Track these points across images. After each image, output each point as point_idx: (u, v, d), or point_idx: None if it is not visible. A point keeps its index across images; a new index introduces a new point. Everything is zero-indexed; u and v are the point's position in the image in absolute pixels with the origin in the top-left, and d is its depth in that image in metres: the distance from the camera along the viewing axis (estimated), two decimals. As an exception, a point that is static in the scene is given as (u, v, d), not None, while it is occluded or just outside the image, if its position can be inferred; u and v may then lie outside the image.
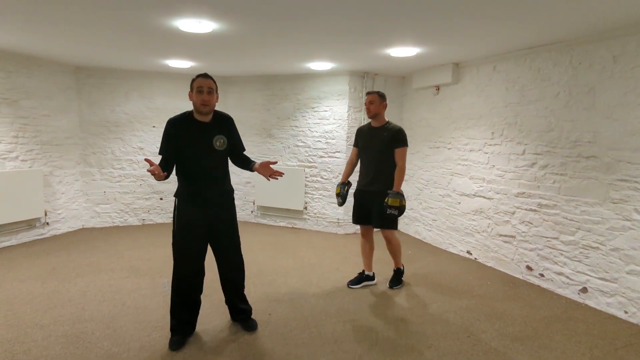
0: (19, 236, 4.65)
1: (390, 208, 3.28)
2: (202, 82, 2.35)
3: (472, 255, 4.49)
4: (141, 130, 5.68)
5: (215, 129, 2.46)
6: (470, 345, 2.58)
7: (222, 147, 2.46)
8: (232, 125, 2.58)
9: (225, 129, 2.52)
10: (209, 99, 2.35)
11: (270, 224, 5.91)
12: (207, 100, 2.34)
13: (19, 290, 3.32)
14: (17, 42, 3.94)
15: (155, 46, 3.97)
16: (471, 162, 4.50)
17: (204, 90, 2.33)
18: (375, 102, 3.40)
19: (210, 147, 2.42)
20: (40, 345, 2.47)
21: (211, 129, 2.45)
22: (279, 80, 5.72)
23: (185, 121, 2.41)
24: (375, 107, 3.41)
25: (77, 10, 2.85)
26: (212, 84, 2.38)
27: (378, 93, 3.43)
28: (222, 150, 2.47)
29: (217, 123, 2.49)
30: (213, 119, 2.48)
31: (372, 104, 3.40)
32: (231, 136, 2.54)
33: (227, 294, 2.73)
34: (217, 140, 2.44)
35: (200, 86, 2.33)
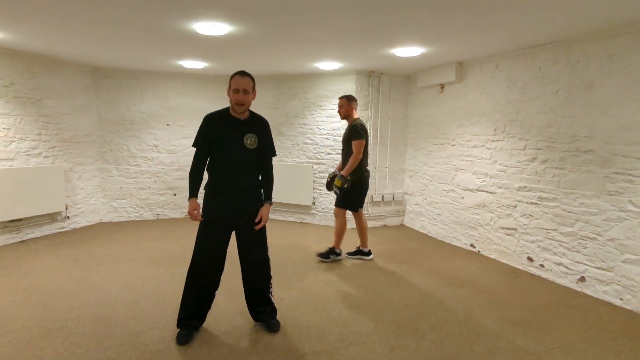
0: (42, 229, 4.90)
1: (335, 187, 3.92)
2: (238, 82, 2.43)
3: (476, 248, 4.63)
4: (156, 128, 5.90)
5: (248, 127, 2.53)
6: (471, 328, 2.75)
7: (252, 146, 2.52)
8: (266, 129, 2.62)
9: (259, 130, 2.57)
10: (244, 98, 2.45)
11: (280, 218, 6.10)
12: (242, 100, 2.45)
13: (47, 277, 3.55)
14: (41, 45, 4.18)
15: (171, 48, 4.18)
16: (474, 158, 4.65)
17: (239, 90, 2.44)
18: (344, 105, 4.03)
19: (241, 144, 2.50)
20: (72, 324, 2.69)
21: (244, 127, 2.52)
22: (288, 80, 5.91)
23: (221, 117, 2.54)
24: (345, 110, 4.04)
25: (97, 14, 3.06)
26: (248, 83, 2.45)
27: (346, 97, 4.05)
28: (252, 148, 2.52)
29: (252, 123, 2.56)
30: (248, 118, 2.55)
31: (341, 108, 4.06)
32: (262, 138, 2.57)
33: (250, 293, 2.70)
34: (248, 138, 2.51)
35: (236, 87, 2.44)
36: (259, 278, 2.67)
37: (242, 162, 2.53)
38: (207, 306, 2.64)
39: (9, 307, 2.93)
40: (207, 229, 2.53)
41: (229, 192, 2.54)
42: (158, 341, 2.51)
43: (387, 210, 5.87)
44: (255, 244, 2.63)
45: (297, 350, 2.43)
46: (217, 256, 2.55)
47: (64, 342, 2.48)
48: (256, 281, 2.67)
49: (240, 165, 2.52)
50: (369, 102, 5.57)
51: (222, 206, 2.53)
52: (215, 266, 2.57)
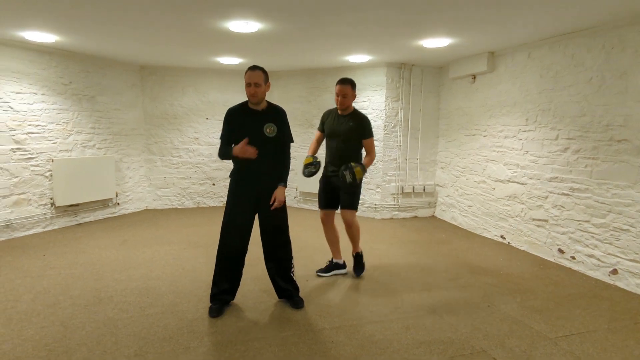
0: (96, 213, 5.40)
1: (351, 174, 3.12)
2: (250, 77, 2.62)
3: (506, 240, 4.59)
4: (196, 122, 6.27)
5: (267, 117, 2.75)
6: (489, 313, 2.79)
7: (271, 134, 2.73)
8: (283, 117, 2.80)
9: (276, 119, 2.79)
10: (256, 91, 2.65)
11: (312, 208, 6.29)
12: (254, 92, 2.65)
13: (100, 255, 3.96)
14: (94, 46, 4.60)
15: (209, 45, 4.47)
16: (506, 149, 4.59)
17: (251, 84, 2.64)
18: (350, 94, 3.25)
19: (261, 133, 2.71)
20: (120, 294, 3.03)
21: (263, 117, 2.73)
22: (320, 73, 6.06)
23: (241, 109, 2.77)
24: (350, 100, 3.28)
25: (143, 18, 3.36)
26: (258, 77, 2.64)
27: (351, 83, 3.27)
28: (271, 136, 2.73)
29: (270, 112, 2.78)
30: (266, 109, 2.77)
31: (346, 98, 3.25)
32: (280, 126, 2.76)
33: (272, 272, 2.87)
34: (268, 127, 2.72)
35: (248, 81, 2.64)
36: (280, 257, 2.86)
37: (263, 149, 2.72)
38: (236, 283, 2.87)
39: (69, 278, 3.33)
40: (233, 213, 2.75)
41: (252, 178, 2.75)
42: (193, 312, 2.77)
43: (417, 201, 5.90)
44: (277, 225, 2.82)
45: (316, 325, 2.61)
46: (242, 237, 2.77)
47: (113, 308, 2.81)
48: (278, 260, 2.86)
49: (261, 151, 2.72)
50: (400, 94, 5.61)
51: (245, 191, 2.75)
52: (241, 246, 2.78)
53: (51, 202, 4.86)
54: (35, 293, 3.04)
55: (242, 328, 2.56)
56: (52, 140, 4.88)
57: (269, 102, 2.82)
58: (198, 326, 2.58)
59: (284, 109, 2.88)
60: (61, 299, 2.94)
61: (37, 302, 2.89)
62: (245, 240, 2.80)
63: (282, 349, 2.32)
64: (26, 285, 3.19)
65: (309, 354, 2.28)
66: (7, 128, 4.43)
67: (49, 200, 4.84)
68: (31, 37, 4.15)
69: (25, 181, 4.61)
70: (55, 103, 4.88)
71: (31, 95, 4.63)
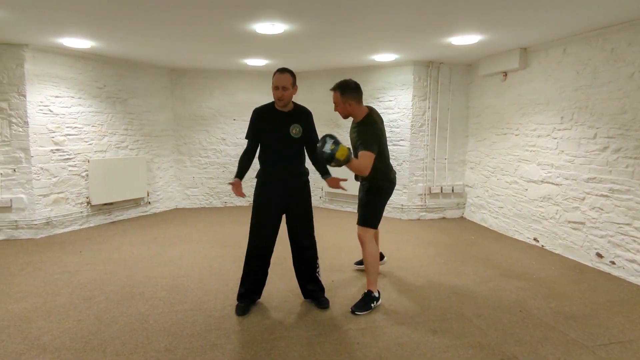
0: (128, 212, 5.59)
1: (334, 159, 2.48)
2: (277, 80, 2.64)
3: (539, 243, 4.42)
4: (224, 123, 6.39)
5: (292, 118, 2.74)
6: (521, 318, 2.69)
7: (297, 135, 2.75)
8: (309, 119, 2.83)
9: (303, 120, 2.79)
10: (283, 94, 2.66)
11: (337, 209, 6.28)
12: (281, 95, 2.66)
13: (132, 252, 4.09)
14: (127, 51, 4.76)
15: (236, 48, 4.53)
16: (539, 148, 4.42)
17: (279, 87, 2.65)
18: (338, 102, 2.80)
19: (287, 134, 2.73)
20: (151, 290, 3.12)
21: (289, 118, 2.73)
22: (346, 73, 6.03)
23: (267, 110, 2.79)
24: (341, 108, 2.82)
25: (173, 23, 3.45)
26: (286, 80, 2.63)
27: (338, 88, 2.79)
28: (297, 137, 2.74)
29: (296, 114, 2.78)
30: (292, 110, 2.79)
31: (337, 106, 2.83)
32: (306, 127, 2.79)
33: (299, 273, 2.91)
34: (293, 128, 2.74)
35: (276, 84, 2.66)
36: (307, 258, 2.87)
37: (289, 149, 2.76)
38: (262, 282, 2.89)
39: (103, 274, 3.46)
40: (260, 213, 2.78)
41: (278, 178, 2.77)
42: (220, 309, 2.82)
43: (446, 202, 5.77)
44: (303, 226, 2.84)
45: (342, 326, 2.59)
46: (269, 237, 2.79)
47: (144, 304, 2.89)
48: (304, 261, 2.87)
49: (287, 152, 2.75)
50: (427, 93, 5.51)
51: (272, 191, 2.77)
52: (268, 246, 2.81)
53: (87, 200, 5.07)
54: (72, 287, 3.18)
55: (268, 327, 2.58)
56: (88, 142, 5.09)
57: (295, 103, 2.83)
58: (225, 323, 2.62)
59: (309, 110, 2.88)
60: (96, 294, 3.06)
61: (74, 296, 3.02)
62: (271, 240, 2.82)
63: (308, 349, 2.33)
64: (64, 280, 3.34)
65: (335, 354, 2.27)
66: (47, 130, 4.66)
67: (85, 199, 5.05)
68: (69, 44, 4.34)
69: (63, 181, 4.83)
70: (90, 106, 5.09)
71: (69, 99, 4.85)
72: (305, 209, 2.84)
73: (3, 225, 4.50)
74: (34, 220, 4.56)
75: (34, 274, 3.46)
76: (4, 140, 4.44)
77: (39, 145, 4.58)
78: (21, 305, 2.85)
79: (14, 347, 2.32)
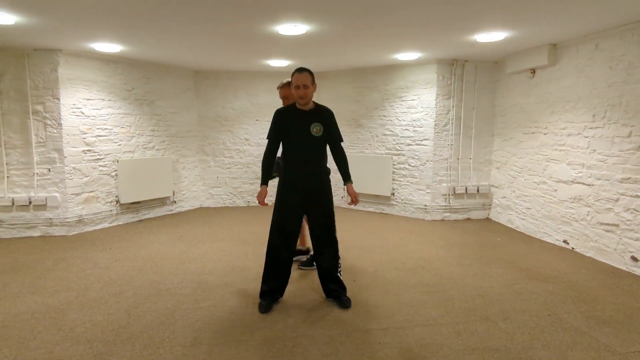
0: (155, 211, 5.75)
1: None
2: (297, 79, 2.68)
3: (569, 245, 4.27)
4: (247, 123, 6.48)
5: (313, 117, 2.77)
6: (549, 322, 2.61)
7: (318, 134, 2.77)
8: (330, 117, 2.83)
9: (324, 119, 2.79)
10: (304, 93, 2.69)
11: (359, 209, 6.25)
12: (302, 94, 2.69)
13: (158, 249, 4.20)
14: (154, 54, 4.90)
15: (259, 49, 4.59)
16: (569, 147, 4.27)
17: (300, 86, 2.68)
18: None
19: (308, 132, 2.75)
20: (177, 286, 3.20)
21: (310, 117, 2.76)
22: (368, 73, 6.02)
23: (288, 110, 2.82)
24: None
25: (198, 27, 3.53)
26: (306, 78, 2.67)
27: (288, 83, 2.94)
28: (318, 136, 2.76)
29: (317, 113, 2.79)
30: (313, 109, 2.80)
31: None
32: (328, 125, 2.80)
33: (320, 272, 2.92)
34: (314, 127, 2.76)
35: (297, 84, 2.69)
36: (328, 257, 2.87)
37: (310, 148, 2.78)
38: (284, 281, 2.91)
39: (131, 271, 3.57)
40: (281, 211, 2.80)
41: (300, 176, 2.79)
42: (243, 307, 2.86)
43: (470, 203, 5.66)
44: (324, 226, 2.84)
45: (364, 326, 2.58)
46: (290, 236, 2.81)
47: (170, 299, 2.97)
48: (326, 260, 2.87)
49: (308, 151, 2.77)
50: (452, 92, 5.42)
51: (294, 190, 2.79)
52: (289, 245, 2.82)
53: (116, 199, 5.24)
54: (103, 283, 3.29)
55: (290, 325, 2.60)
56: (117, 143, 5.27)
57: (316, 102, 2.84)
58: (248, 321, 2.66)
59: (331, 109, 2.88)
60: (125, 289, 3.16)
61: (105, 291, 3.14)
62: (293, 239, 2.83)
63: (329, 347, 2.33)
64: (95, 275, 3.47)
65: (356, 353, 2.27)
66: (79, 132, 4.85)
67: (114, 198, 5.23)
68: (99, 48, 4.51)
69: (94, 180, 5.01)
70: (119, 108, 5.26)
71: (99, 101, 5.03)
72: (326, 208, 2.84)
73: (39, 222, 4.71)
74: (66, 218, 4.75)
75: (68, 269, 3.61)
76: (39, 141, 4.65)
77: (72, 146, 4.77)
78: (56, 299, 2.98)
79: (50, 338, 2.43)
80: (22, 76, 4.53)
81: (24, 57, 4.50)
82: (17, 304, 2.88)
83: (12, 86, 4.53)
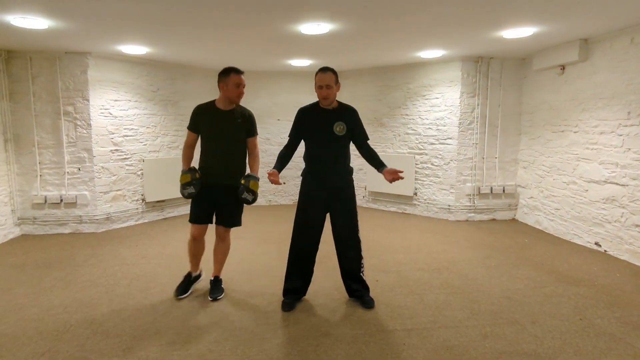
0: (179, 209, 5.86)
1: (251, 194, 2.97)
2: (320, 79, 2.66)
3: (602, 247, 4.11)
4: (268, 123, 6.52)
5: (337, 116, 2.74)
6: (581, 327, 2.52)
7: (341, 133, 2.74)
8: (354, 116, 2.79)
9: (347, 118, 2.76)
10: (327, 93, 2.67)
11: (381, 208, 6.20)
12: (325, 94, 2.68)
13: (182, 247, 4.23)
14: (179, 56, 4.99)
15: (281, 49, 4.61)
16: (601, 146, 4.11)
17: (323, 86, 2.67)
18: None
19: (331, 131, 2.73)
20: (201, 284, 3.24)
21: (333, 116, 2.73)
22: (390, 71, 5.95)
23: (312, 109, 2.81)
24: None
25: (222, 30, 3.57)
26: (329, 78, 2.64)
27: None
28: (341, 135, 2.73)
29: (340, 112, 2.76)
30: (337, 108, 2.78)
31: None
32: (351, 125, 2.77)
33: (343, 272, 2.91)
34: (337, 126, 2.73)
35: (320, 84, 2.67)
36: (351, 257, 2.85)
37: (333, 147, 2.75)
38: (307, 280, 2.92)
39: (157, 268, 3.65)
40: (304, 212, 2.80)
41: (322, 176, 2.78)
42: (266, 304, 2.88)
43: (496, 203, 5.53)
44: (347, 226, 2.81)
45: (387, 326, 2.55)
46: (313, 235, 2.80)
47: (196, 296, 3.02)
48: (349, 260, 2.86)
49: (331, 150, 2.75)
50: (477, 89, 5.31)
51: (316, 190, 2.78)
52: (312, 244, 2.82)
53: (142, 198, 5.37)
54: (130, 279, 3.38)
55: (313, 324, 2.60)
56: (143, 142, 5.39)
57: (340, 101, 2.82)
58: (271, 318, 2.67)
59: (355, 108, 2.85)
60: (152, 285, 3.23)
61: (132, 287, 3.22)
62: (316, 238, 2.83)
63: (353, 347, 2.32)
64: (123, 271, 3.56)
65: (380, 354, 2.25)
66: (107, 132, 4.99)
67: (140, 196, 5.36)
68: (127, 50, 4.62)
69: (121, 179, 5.15)
70: (145, 108, 5.39)
71: (126, 102, 5.16)
72: (349, 207, 2.82)
73: (69, 219, 4.87)
74: (95, 215, 4.90)
75: (97, 265, 3.72)
76: (70, 141, 4.81)
77: (100, 146, 4.91)
78: (86, 294, 3.08)
79: (81, 332, 2.51)
80: (54, 78, 4.70)
81: (56, 60, 4.67)
82: (50, 298, 2.99)
83: (45, 88, 4.70)
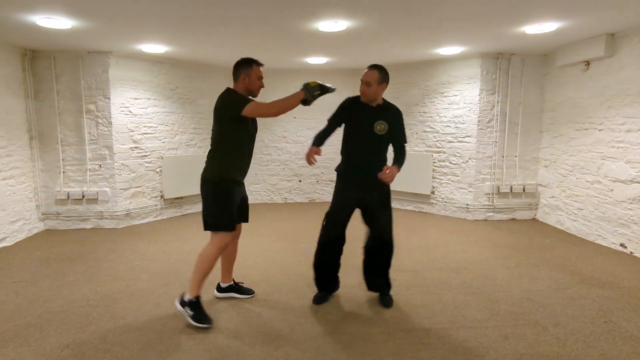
0: (197, 206, 5.92)
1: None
2: (363, 74, 2.61)
3: (627, 249, 3.99)
4: (284, 121, 6.53)
5: (379, 114, 2.65)
6: (606, 330, 2.45)
7: (381, 132, 2.64)
8: (397, 117, 2.72)
9: (390, 117, 2.67)
10: (364, 90, 2.62)
11: (398, 207, 6.15)
12: (363, 91, 2.63)
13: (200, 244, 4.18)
14: (197, 54, 5.05)
15: (298, 47, 4.62)
16: (628, 144, 3.98)
17: (363, 82, 2.63)
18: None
19: (371, 129, 2.64)
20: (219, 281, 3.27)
21: (375, 114, 2.65)
22: (407, 68, 5.89)
23: (357, 101, 2.74)
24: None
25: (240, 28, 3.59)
26: (372, 76, 2.57)
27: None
28: (381, 134, 2.64)
29: (384, 111, 2.69)
30: (381, 107, 2.69)
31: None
32: (394, 126, 2.68)
33: (372, 267, 2.86)
34: (378, 124, 2.65)
35: (362, 79, 2.63)
36: (385, 254, 2.82)
37: (371, 145, 2.70)
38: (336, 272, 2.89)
39: (176, 263, 3.71)
40: (338, 206, 2.76)
41: (359, 174, 2.73)
42: (283, 301, 2.90)
43: (515, 202, 5.42)
44: (384, 223, 2.76)
45: (405, 325, 2.54)
46: (340, 229, 2.77)
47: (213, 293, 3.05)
48: (383, 256, 2.82)
49: (369, 148, 2.70)
50: (497, 86, 5.21)
51: (352, 186, 2.74)
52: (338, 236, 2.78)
53: (161, 194, 5.46)
54: (150, 274, 3.44)
55: (330, 321, 2.60)
56: (162, 140, 5.48)
57: (386, 100, 2.76)
58: (288, 315, 2.68)
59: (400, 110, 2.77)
60: (171, 280, 3.28)
61: (152, 281, 3.27)
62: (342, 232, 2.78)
63: (371, 345, 2.30)
64: (143, 266, 3.62)
65: (399, 352, 2.23)
66: (127, 130, 5.08)
67: (159, 193, 5.45)
68: (146, 49, 4.70)
69: (140, 176, 5.25)
70: (164, 107, 5.47)
71: (145, 100, 5.25)
72: (386, 205, 2.76)
73: (90, 215, 4.99)
74: (116, 211, 5.01)
75: (117, 260, 3.80)
76: (91, 139, 4.92)
77: (120, 143, 5.01)
78: (108, 288, 3.14)
79: (103, 324, 2.57)
80: (77, 77, 4.81)
81: (79, 59, 4.77)
82: (73, 292, 3.07)
83: (68, 87, 4.82)
